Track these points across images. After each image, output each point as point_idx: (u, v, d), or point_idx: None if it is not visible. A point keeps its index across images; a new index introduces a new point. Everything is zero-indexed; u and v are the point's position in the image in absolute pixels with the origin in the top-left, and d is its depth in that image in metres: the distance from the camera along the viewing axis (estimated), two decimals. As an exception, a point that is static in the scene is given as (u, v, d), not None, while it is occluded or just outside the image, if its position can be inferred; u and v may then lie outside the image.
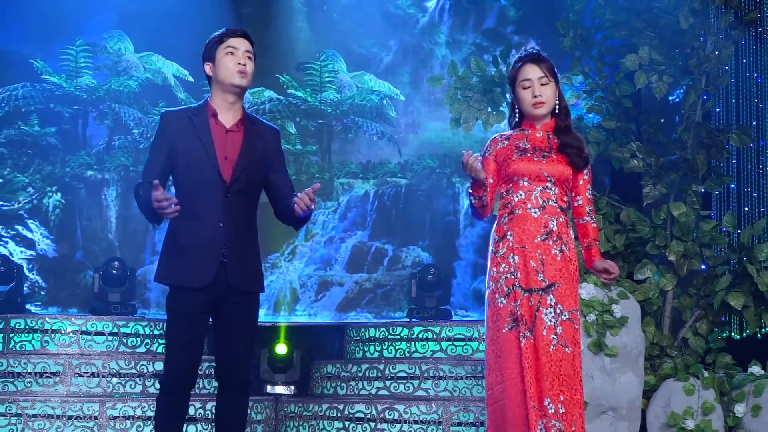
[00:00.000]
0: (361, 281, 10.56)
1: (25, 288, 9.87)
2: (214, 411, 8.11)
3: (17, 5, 10.26)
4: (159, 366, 8.19)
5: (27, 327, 8.61)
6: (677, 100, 8.44)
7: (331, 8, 10.82)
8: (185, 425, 7.91)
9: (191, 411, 8.09)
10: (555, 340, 5.45)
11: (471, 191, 5.60)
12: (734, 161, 8.69)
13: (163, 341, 6.39)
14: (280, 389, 9.48)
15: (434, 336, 8.75)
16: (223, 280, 5.30)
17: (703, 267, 8.08)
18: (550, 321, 5.47)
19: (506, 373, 5.49)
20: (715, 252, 8.10)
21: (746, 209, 8.66)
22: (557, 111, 5.69)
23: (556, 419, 5.39)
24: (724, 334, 8.29)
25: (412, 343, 8.81)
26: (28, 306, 9.85)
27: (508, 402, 5.48)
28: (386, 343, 8.95)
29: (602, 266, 5.61)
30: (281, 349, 9.67)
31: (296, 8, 10.76)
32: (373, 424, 8.21)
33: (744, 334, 8.25)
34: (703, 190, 8.15)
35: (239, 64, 5.38)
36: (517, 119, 5.78)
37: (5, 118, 10.29)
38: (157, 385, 8.12)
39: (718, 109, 8.69)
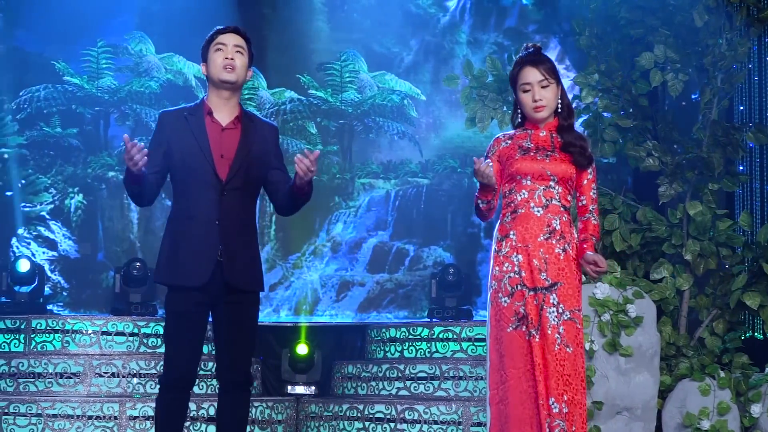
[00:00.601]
0: (382, 281, 10.55)
1: (47, 289, 9.92)
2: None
3: (39, 7, 10.30)
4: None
5: (48, 327, 8.64)
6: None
7: (351, 8, 10.81)
8: (206, 425, 8.00)
9: (212, 411, 8.11)
10: (559, 339, 5.43)
11: (479, 195, 5.59)
12: (758, 159, 8.62)
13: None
14: (300, 389, 9.49)
15: (454, 336, 8.74)
16: (219, 278, 5.29)
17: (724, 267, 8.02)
18: (554, 320, 5.45)
19: (510, 373, 5.47)
20: (736, 251, 8.03)
21: (770, 208, 8.60)
22: (559, 110, 5.66)
23: (560, 418, 5.38)
24: (749, 334, 8.23)
25: (433, 343, 8.80)
26: (50, 306, 9.89)
27: (512, 401, 5.46)
28: (407, 344, 8.95)
29: (592, 258, 5.54)
30: (302, 349, 9.67)
31: (317, 8, 10.75)
32: (392, 425, 8.20)
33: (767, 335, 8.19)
34: (731, 190, 8.09)
35: (226, 58, 5.38)
36: (519, 119, 5.76)
37: (27, 120, 10.34)
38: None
39: (741, 108, 8.62)
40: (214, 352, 5.66)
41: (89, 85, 10.45)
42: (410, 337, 8.97)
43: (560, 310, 5.46)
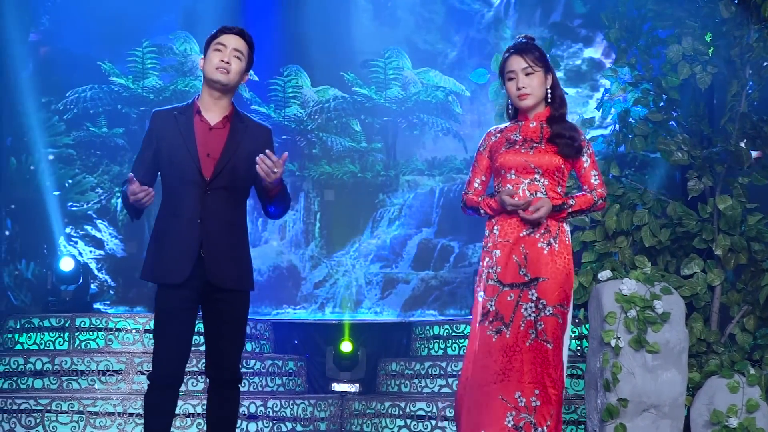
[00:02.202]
0: (427, 278, 10.51)
1: (94, 287, 10.01)
2: (274, 408, 8.21)
3: (85, 9, 10.42)
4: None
5: (92, 325, 8.70)
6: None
7: (395, 5, 10.80)
8: (246, 423, 8.03)
9: (252, 409, 8.13)
10: (534, 334, 5.39)
11: (489, 211, 5.59)
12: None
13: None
14: (345, 387, 9.50)
15: (497, 333, 8.68)
16: (202, 276, 5.28)
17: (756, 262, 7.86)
18: (530, 315, 5.40)
19: (475, 365, 5.47)
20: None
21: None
22: (549, 100, 5.59)
23: (527, 412, 5.33)
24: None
25: (476, 340, 8.75)
26: (96, 305, 9.98)
27: (473, 393, 5.44)
28: (450, 341, 8.92)
29: (536, 199, 5.46)
30: (346, 346, 9.69)
31: (361, 6, 10.76)
32: (433, 422, 8.17)
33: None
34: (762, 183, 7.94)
35: (222, 60, 5.37)
36: (510, 111, 5.72)
37: (74, 120, 10.47)
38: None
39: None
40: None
41: (135, 85, 10.54)
42: (453, 334, 8.94)
43: (540, 306, 5.41)
